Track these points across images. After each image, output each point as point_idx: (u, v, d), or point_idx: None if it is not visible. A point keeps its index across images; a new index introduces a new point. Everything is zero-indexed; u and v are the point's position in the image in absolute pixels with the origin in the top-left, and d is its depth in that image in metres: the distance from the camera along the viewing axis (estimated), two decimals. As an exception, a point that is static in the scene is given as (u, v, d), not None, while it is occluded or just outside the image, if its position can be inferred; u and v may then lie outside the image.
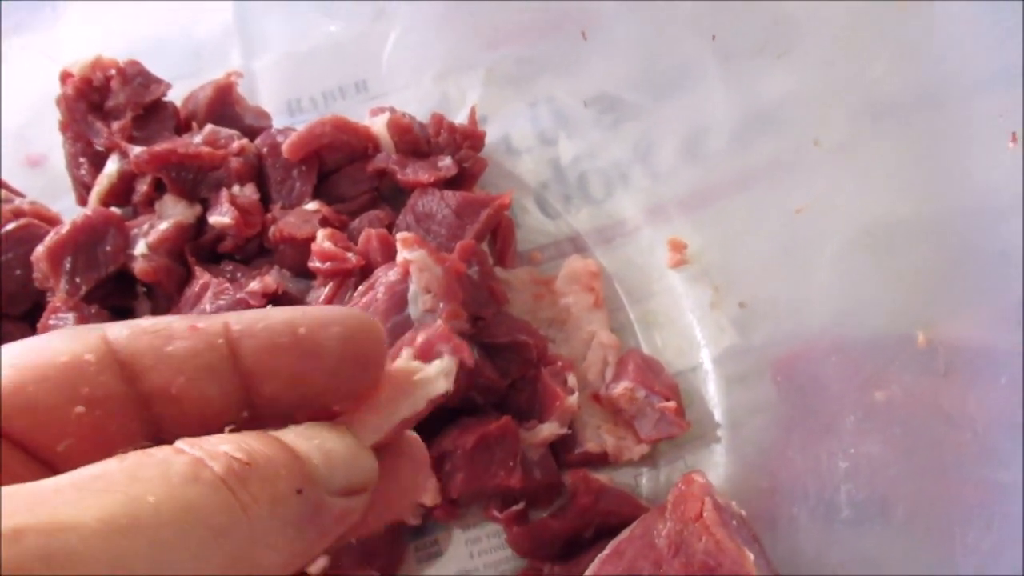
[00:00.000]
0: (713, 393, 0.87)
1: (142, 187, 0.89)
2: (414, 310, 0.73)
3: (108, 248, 0.83)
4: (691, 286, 0.91)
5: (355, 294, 0.76)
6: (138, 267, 0.83)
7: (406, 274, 0.73)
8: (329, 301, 0.79)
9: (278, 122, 0.98)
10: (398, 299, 0.73)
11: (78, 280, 0.82)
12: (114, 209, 0.87)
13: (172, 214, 0.84)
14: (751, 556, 0.63)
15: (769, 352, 0.84)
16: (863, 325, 0.77)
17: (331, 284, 0.79)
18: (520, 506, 0.80)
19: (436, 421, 0.80)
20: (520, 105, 1.01)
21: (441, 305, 0.74)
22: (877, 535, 0.66)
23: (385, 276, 0.75)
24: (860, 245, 0.81)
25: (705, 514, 0.65)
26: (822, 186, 0.87)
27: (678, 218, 0.94)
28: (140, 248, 0.83)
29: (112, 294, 0.86)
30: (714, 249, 0.92)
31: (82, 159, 0.92)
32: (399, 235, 0.75)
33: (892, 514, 0.65)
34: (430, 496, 0.76)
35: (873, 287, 0.78)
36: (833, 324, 0.80)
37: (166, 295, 0.85)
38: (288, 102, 1.03)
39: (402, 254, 0.74)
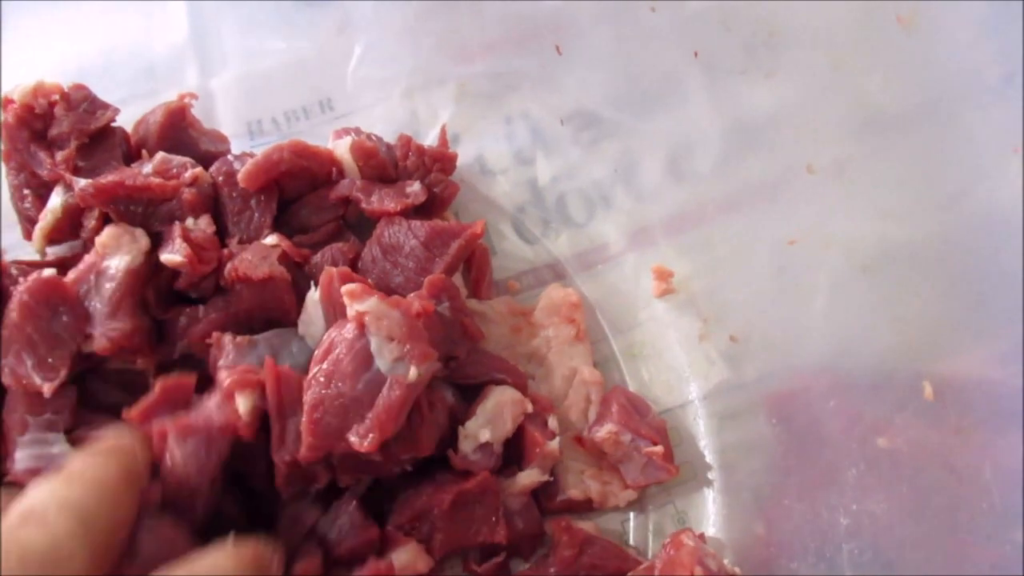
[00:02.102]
0: (703, 431, 0.82)
1: (90, 222, 0.82)
2: (383, 363, 0.67)
3: (65, 321, 0.76)
4: (678, 316, 0.87)
5: (312, 361, 0.70)
6: (98, 346, 0.76)
7: (362, 328, 0.68)
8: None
9: (237, 146, 0.93)
10: (362, 356, 0.67)
11: (51, 362, 0.75)
12: (53, 251, 0.81)
13: (115, 254, 0.78)
14: None
15: (762, 389, 0.80)
16: (863, 364, 0.72)
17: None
18: (500, 558, 0.75)
19: (411, 476, 0.74)
20: (494, 123, 0.96)
21: (408, 349, 0.68)
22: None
23: (341, 335, 0.69)
24: (858, 274, 0.76)
25: (696, 586, 0.60)
26: (815, 210, 0.82)
27: (663, 243, 0.90)
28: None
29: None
30: (702, 277, 0.87)
31: (26, 191, 0.86)
32: (344, 289, 0.70)
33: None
34: (412, 559, 0.71)
35: (873, 320, 0.73)
36: (831, 361, 0.75)
37: (135, 352, 0.79)
38: (248, 124, 0.97)
39: (352, 307, 0.69)
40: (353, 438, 0.66)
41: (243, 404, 0.69)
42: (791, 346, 0.81)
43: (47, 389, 0.74)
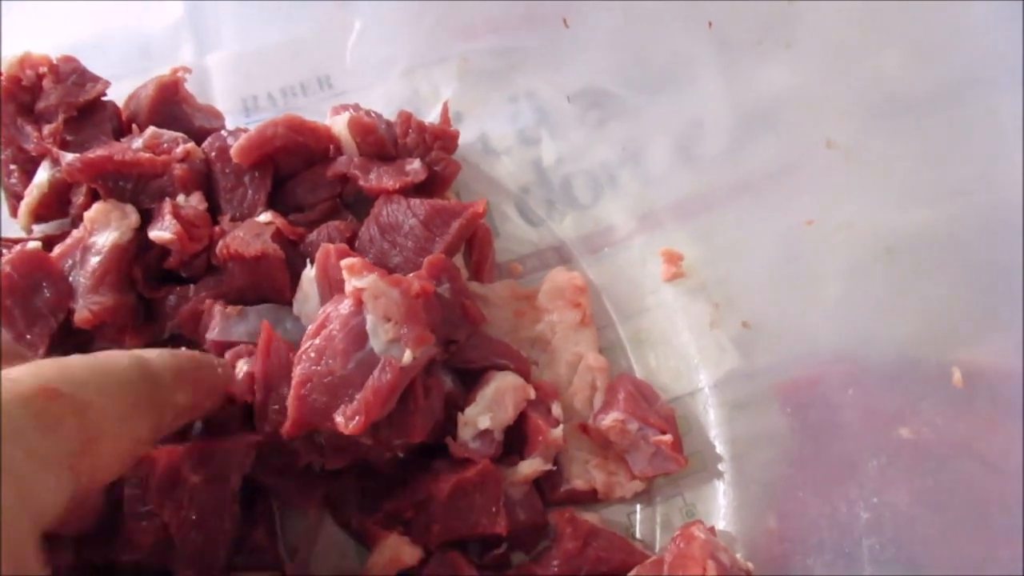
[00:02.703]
0: (714, 421, 0.79)
1: (78, 198, 0.79)
2: (376, 343, 0.64)
3: (47, 296, 0.74)
4: (688, 302, 0.83)
5: (305, 336, 0.66)
6: (79, 318, 0.73)
7: (359, 304, 0.64)
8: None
9: (233, 123, 0.89)
10: (356, 334, 0.64)
11: (29, 338, 0.73)
12: (40, 229, 0.78)
13: (103, 230, 0.74)
14: None
15: (775, 377, 0.76)
16: (883, 352, 0.68)
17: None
18: (501, 550, 0.71)
19: (407, 464, 0.71)
20: (498, 101, 0.93)
21: (405, 331, 0.65)
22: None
23: (336, 311, 0.66)
24: (876, 259, 0.72)
25: (707, 582, 0.56)
26: (831, 193, 0.78)
27: (672, 226, 0.86)
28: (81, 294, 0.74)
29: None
30: (713, 261, 0.84)
31: (12, 166, 0.82)
32: (343, 263, 0.66)
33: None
34: (395, 553, 0.67)
35: (892, 307, 0.69)
36: (848, 348, 0.71)
37: (117, 328, 0.76)
38: (244, 100, 0.93)
39: (350, 282, 0.65)
40: (339, 419, 0.63)
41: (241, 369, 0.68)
42: (806, 333, 0.77)
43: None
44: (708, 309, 0.82)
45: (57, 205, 0.80)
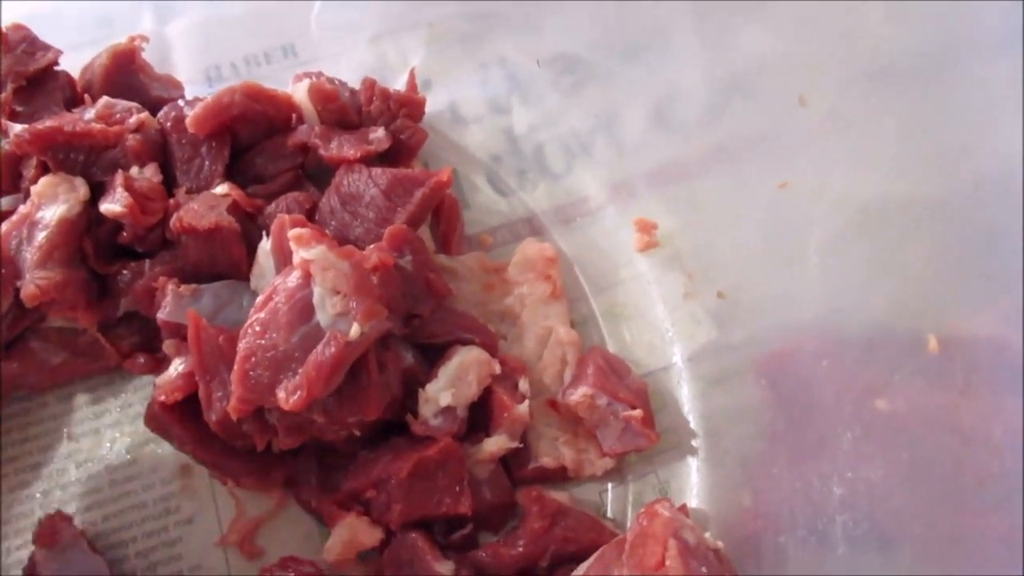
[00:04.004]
0: (688, 396, 0.76)
1: (29, 171, 0.76)
2: (323, 316, 0.61)
3: None
4: (662, 273, 0.80)
5: (252, 309, 0.63)
6: (25, 293, 0.70)
7: (307, 277, 0.61)
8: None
9: (195, 93, 0.86)
10: (301, 307, 0.61)
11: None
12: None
13: (51, 204, 0.71)
14: None
15: (751, 350, 0.73)
16: (860, 322, 0.65)
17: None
18: (467, 530, 0.69)
19: (367, 443, 0.69)
20: (468, 68, 0.90)
21: (354, 304, 0.62)
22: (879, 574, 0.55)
23: (283, 283, 0.63)
24: (856, 228, 0.69)
25: (668, 562, 0.53)
26: (811, 160, 0.75)
27: (647, 195, 0.83)
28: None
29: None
30: (688, 231, 0.81)
31: (-39, 139, 0.79)
32: (291, 232, 0.63)
33: (897, 552, 0.54)
34: (353, 533, 0.65)
35: (871, 277, 0.67)
36: (825, 319, 0.68)
37: (69, 305, 0.73)
38: (206, 69, 0.90)
39: (298, 254, 0.62)
40: (280, 394, 0.60)
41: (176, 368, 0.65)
42: (782, 304, 0.75)
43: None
44: (683, 280, 0.79)
45: (8, 179, 0.77)
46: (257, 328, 0.61)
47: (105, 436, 0.74)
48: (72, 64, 0.84)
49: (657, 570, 0.54)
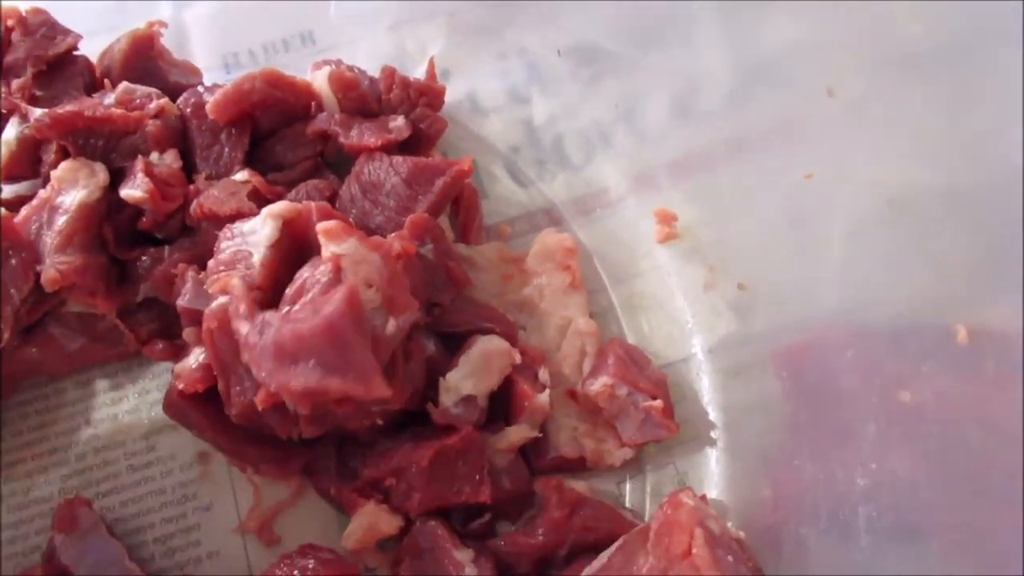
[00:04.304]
0: (707, 388, 0.76)
1: (48, 156, 0.76)
2: (359, 312, 0.60)
3: (13, 263, 0.70)
4: (682, 264, 0.80)
5: (282, 301, 0.63)
6: (45, 278, 0.70)
7: (338, 271, 0.61)
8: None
9: (212, 81, 0.86)
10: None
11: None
12: (12, 190, 0.75)
13: (70, 188, 0.71)
14: None
15: (773, 341, 0.73)
16: (886, 313, 0.65)
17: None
18: (485, 518, 0.69)
19: (387, 432, 0.68)
20: (488, 58, 0.90)
21: (388, 298, 0.61)
22: (905, 569, 0.54)
23: (314, 277, 0.62)
24: (882, 218, 0.69)
25: (695, 551, 0.53)
26: (835, 149, 0.75)
27: (667, 186, 0.83)
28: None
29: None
30: (709, 222, 0.80)
31: (-21, 124, 0.79)
32: (320, 226, 0.63)
33: (924, 544, 0.53)
34: (373, 521, 0.65)
35: (898, 268, 0.66)
36: (849, 311, 0.68)
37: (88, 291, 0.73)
38: (224, 56, 0.91)
39: (328, 247, 0.62)
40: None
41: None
42: (804, 295, 0.74)
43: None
44: (703, 271, 0.78)
45: (28, 164, 0.77)
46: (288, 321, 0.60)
47: (123, 422, 0.74)
48: (88, 50, 0.84)
49: (684, 559, 0.54)
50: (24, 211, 0.73)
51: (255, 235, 0.66)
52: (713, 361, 0.77)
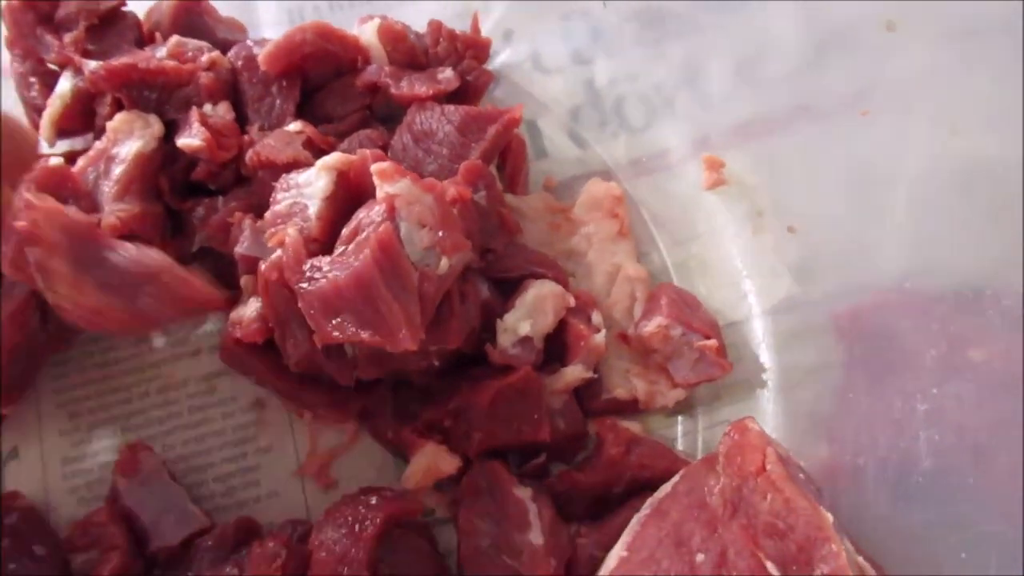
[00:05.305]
0: (764, 350, 0.84)
1: (103, 109, 0.87)
2: (412, 251, 0.71)
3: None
4: (741, 228, 0.89)
5: (338, 242, 0.73)
6: (105, 223, 0.81)
7: (392, 211, 0.71)
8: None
9: (277, 35, 0.95)
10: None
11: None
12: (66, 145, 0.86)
13: (126, 139, 0.82)
14: (829, 517, 0.60)
15: (832, 305, 0.82)
16: (950, 279, 0.72)
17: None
18: (541, 459, 0.79)
19: (444, 375, 0.79)
20: (551, 19, 0.99)
21: (441, 238, 0.71)
22: (968, 491, 0.61)
23: (368, 217, 0.72)
24: (949, 187, 0.77)
25: (769, 467, 0.62)
26: (900, 119, 0.84)
27: (730, 151, 0.91)
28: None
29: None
30: (770, 187, 0.89)
31: (32, 79, 0.91)
32: (374, 167, 0.73)
33: (988, 464, 0.60)
34: (433, 461, 0.74)
35: (965, 235, 0.74)
36: (911, 275, 0.77)
37: (146, 241, 0.83)
38: (289, 12, 1.00)
39: (382, 188, 0.72)
40: (395, 335, 0.69)
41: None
42: (865, 259, 0.83)
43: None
44: (770, 238, 0.87)
45: (81, 117, 0.89)
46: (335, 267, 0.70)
47: (183, 364, 0.85)
48: (134, 7, 0.94)
49: (758, 475, 0.62)
50: (81, 162, 0.84)
51: (310, 187, 0.77)
52: (771, 323, 0.85)
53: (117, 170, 0.83)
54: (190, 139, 0.83)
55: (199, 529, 0.77)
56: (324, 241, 0.75)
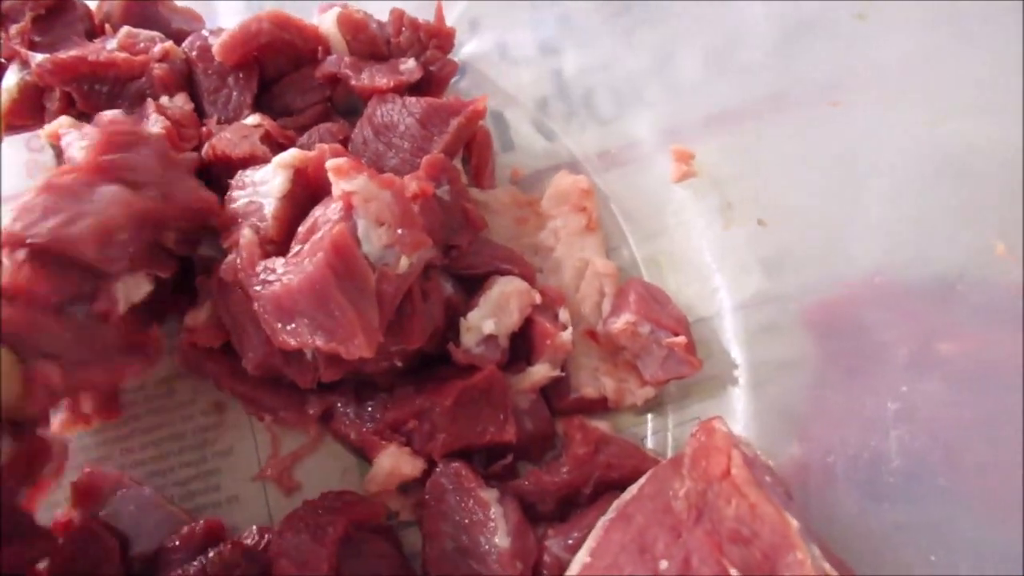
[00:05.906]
0: (735, 344, 0.84)
1: (52, 104, 0.85)
2: (370, 249, 0.69)
3: None
4: (711, 222, 0.88)
5: (293, 241, 0.72)
6: None
7: (349, 209, 0.70)
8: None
9: (232, 17, 0.95)
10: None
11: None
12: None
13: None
14: (795, 523, 0.60)
15: (803, 299, 0.82)
16: (922, 271, 0.71)
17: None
18: (507, 460, 0.78)
19: (405, 375, 0.78)
20: (519, 7, 0.98)
21: (400, 235, 0.70)
22: (938, 492, 0.61)
23: (325, 216, 0.71)
24: (924, 177, 0.76)
25: (734, 471, 0.62)
26: (879, 108, 0.83)
27: (700, 142, 0.91)
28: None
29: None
30: (743, 179, 0.89)
31: (-22, 72, 0.88)
32: (329, 163, 0.72)
33: (958, 464, 0.60)
34: (394, 464, 0.73)
35: (937, 224, 0.73)
36: (883, 268, 0.76)
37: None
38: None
39: (338, 185, 0.71)
40: (343, 346, 0.68)
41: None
42: (836, 254, 0.83)
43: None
44: (740, 231, 0.86)
45: (30, 112, 0.87)
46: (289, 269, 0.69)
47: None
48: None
49: (723, 479, 0.62)
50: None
51: (266, 185, 0.75)
52: (741, 319, 0.85)
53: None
54: (150, 128, 0.81)
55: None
56: (280, 242, 0.74)
